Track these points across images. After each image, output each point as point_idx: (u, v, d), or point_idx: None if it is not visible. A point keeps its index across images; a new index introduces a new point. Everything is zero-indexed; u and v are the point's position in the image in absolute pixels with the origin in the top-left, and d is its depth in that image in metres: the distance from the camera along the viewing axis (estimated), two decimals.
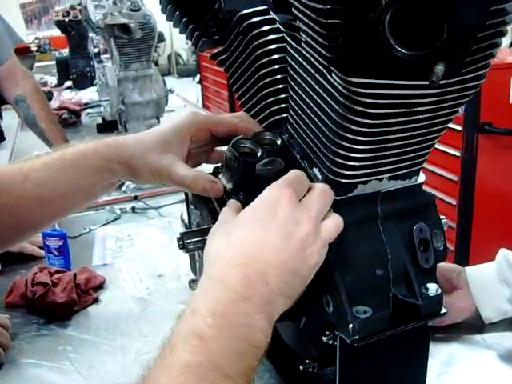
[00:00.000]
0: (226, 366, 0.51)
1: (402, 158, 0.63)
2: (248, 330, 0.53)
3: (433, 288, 0.68)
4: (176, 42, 9.97)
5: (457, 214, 2.44)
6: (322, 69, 0.57)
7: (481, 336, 1.01)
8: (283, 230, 0.58)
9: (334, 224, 0.62)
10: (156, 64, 2.52)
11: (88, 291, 1.20)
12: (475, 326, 1.02)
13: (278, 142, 0.70)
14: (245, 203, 0.65)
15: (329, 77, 0.56)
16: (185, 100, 3.35)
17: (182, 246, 0.71)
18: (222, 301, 0.53)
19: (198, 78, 6.52)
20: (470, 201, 2.42)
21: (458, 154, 2.35)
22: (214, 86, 5.36)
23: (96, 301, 1.20)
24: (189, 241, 0.71)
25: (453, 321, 1.00)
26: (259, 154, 0.68)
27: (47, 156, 0.81)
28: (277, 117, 0.75)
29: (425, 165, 0.68)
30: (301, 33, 0.57)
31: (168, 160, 0.73)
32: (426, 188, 0.72)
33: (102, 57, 3.00)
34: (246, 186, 0.67)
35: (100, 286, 1.25)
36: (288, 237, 0.58)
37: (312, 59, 0.58)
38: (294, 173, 0.64)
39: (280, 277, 0.57)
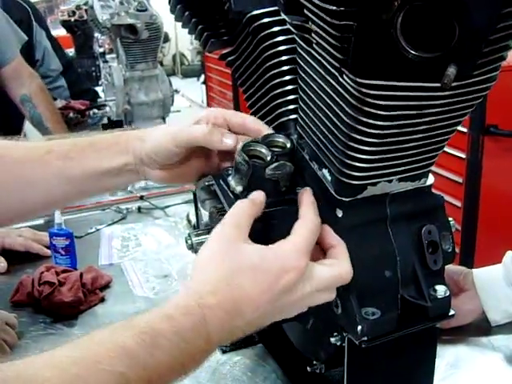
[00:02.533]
0: (155, 374, 0.53)
1: (412, 159, 0.63)
2: (192, 361, 0.56)
3: (441, 290, 0.68)
4: (181, 42, 9.98)
5: (462, 216, 2.43)
6: (332, 70, 0.57)
7: (487, 338, 1.01)
8: (276, 297, 0.60)
9: (321, 299, 0.65)
10: (161, 64, 2.53)
11: (94, 291, 1.20)
12: (482, 328, 1.02)
13: (288, 145, 0.70)
14: None
15: (340, 78, 0.56)
16: (190, 100, 3.35)
17: (191, 246, 0.71)
18: (192, 330, 0.55)
19: (202, 78, 6.53)
20: (475, 203, 2.41)
21: (463, 155, 2.34)
22: (219, 86, 5.36)
23: (102, 300, 1.20)
24: (197, 241, 0.71)
25: (459, 323, 1.00)
26: (269, 158, 0.68)
27: (75, 135, 0.82)
28: (285, 118, 0.75)
29: None
30: (312, 34, 0.57)
31: (184, 126, 0.75)
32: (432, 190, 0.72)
33: (108, 56, 3.01)
34: (256, 189, 0.67)
35: (106, 286, 1.25)
36: (276, 302, 0.60)
37: (323, 61, 0.58)
38: (313, 228, 0.64)
39: (244, 329, 0.60)
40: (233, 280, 0.59)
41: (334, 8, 0.48)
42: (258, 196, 0.66)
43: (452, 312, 0.70)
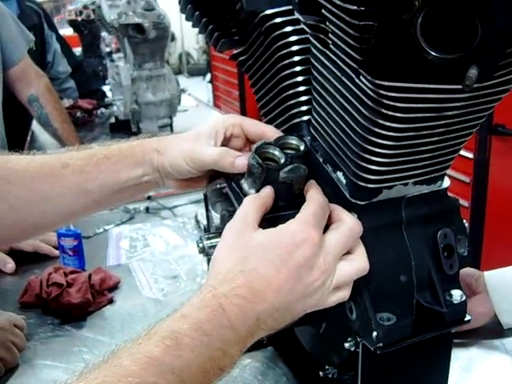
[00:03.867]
0: (186, 375, 0.52)
1: (429, 162, 0.62)
2: (221, 354, 0.55)
3: (457, 295, 0.67)
4: (187, 41, 9.99)
5: (469, 216, 2.42)
6: (349, 71, 0.56)
7: (500, 341, 1.00)
8: (295, 274, 0.59)
9: (352, 271, 0.63)
10: (167, 63, 2.52)
11: (103, 292, 1.19)
12: (494, 330, 1.00)
13: (302, 148, 0.69)
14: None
15: (356, 80, 0.55)
16: (197, 100, 3.34)
17: (202, 250, 0.70)
18: (211, 321, 0.55)
19: (208, 77, 6.53)
20: (483, 203, 2.40)
21: (470, 155, 2.32)
22: (225, 85, 5.35)
23: (111, 302, 1.19)
24: (209, 244, 0.70)
25: (471, 326, 0.99)
26: (283, 161, 0.66)
27: (90, 148, 0.82)
28: (298, 119, 0.74)
29: None
30: (329, 34, 0.56)
31: (199, 144, 0.75)
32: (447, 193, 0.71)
33: (114, 56, 3.01)
34: None
35: (115, 287, 1.24)
36: (296, 281, 0.59)
37: (339, 61, 0.57)
38: (319, 204, 0.64)
39: (273, 315, 0.59)
40: (244, 266, 0.58)
41: (355, 8, 0.47)
42: (264, 189, 0.66)
43: (468, 317, 0.68)
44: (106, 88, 3.26)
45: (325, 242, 0.61)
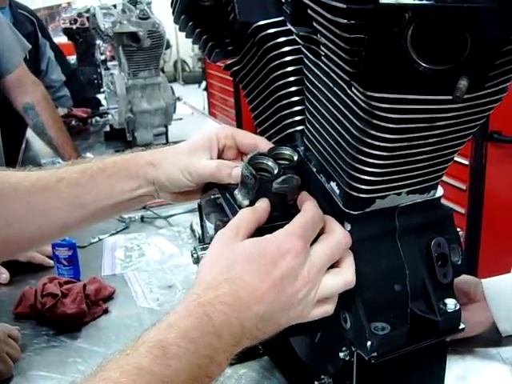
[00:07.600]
0: (176, 383, 0.53)
1: (422, 172, 0.63)
2: (208, 362, 0.55)
3: (451, 303, 0.67)
4: (182, 49, 10.02)
5: (465, 223, 2.42)
6: (341, 82, 0.56)
7: (496, 350, 0.99)
8: (278, 284, 0.59)
9: (337, 284, 0.63)
10: (162, 71, 2.52)
11: (98, 302, 1.19)
12: (490, 339, 1.00)
13: (295, 158, 0.69)
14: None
15: (348, 91, 0.55)
16: (192, 108, 3.34)
17: (197, 261, 0.70)
18: (197, 329, 0.55)
19: (203, 84, 6.54)
20: (479, 210, 2.40)
21: (466, 162, 2.33)
22: (221, 93, 5.36)
23: (106, 312, 1.19)
24: (203, 255, 0.70)
25: (468, 334, 0.98)
26: (276, 171, 0.66)
27: (85, 162, 0.83)
28: (292, 129, 0.74)
29: None
30: (321, 46, 0.56)
31: (195, 158, 0.76)
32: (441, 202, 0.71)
33: (109, 64, 3.01)
34: None
35: (110, 297, 1.24)
36: (280, 291, 0.59)
37: (331, 73, 0.58)
38: (311, 216, 0.64)
39: (257, 324, 0.59)
40: (229, 273, 0.59)
41: (345, 21, 0.47)
42: (261, 204, 0.66)
43: (462, 326, 0.68)
44: (100, 96, 3.27)
45: (311, 254, 0.62)
